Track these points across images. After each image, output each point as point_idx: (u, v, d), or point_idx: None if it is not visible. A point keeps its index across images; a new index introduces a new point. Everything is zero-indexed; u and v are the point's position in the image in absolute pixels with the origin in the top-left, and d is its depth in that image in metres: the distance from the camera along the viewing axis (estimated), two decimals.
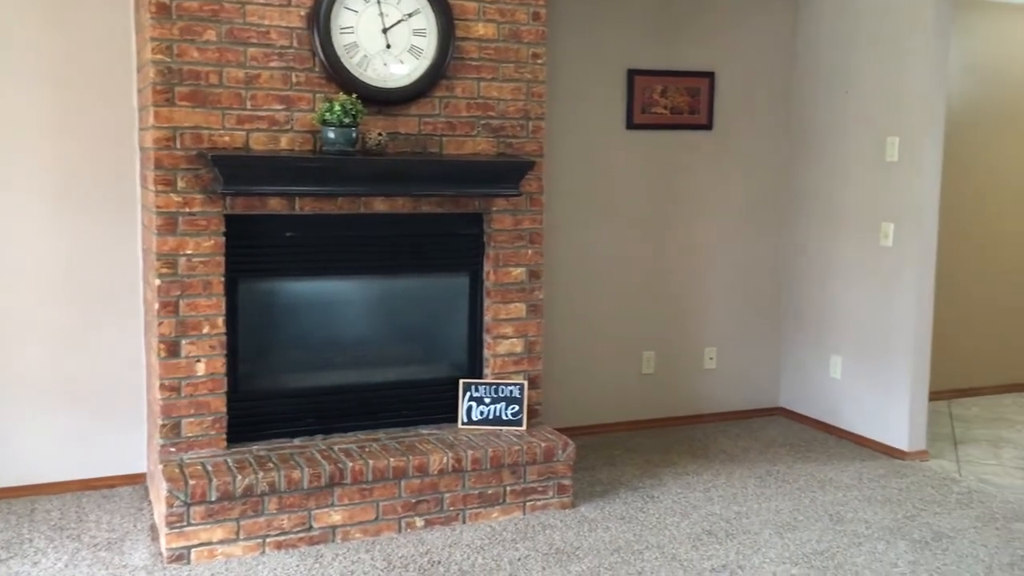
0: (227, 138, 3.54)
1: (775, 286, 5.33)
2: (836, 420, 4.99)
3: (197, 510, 3.30)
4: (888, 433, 4.67)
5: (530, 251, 4.08)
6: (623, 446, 4.74)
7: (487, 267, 4.05)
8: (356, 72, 3.67)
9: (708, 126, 5.05)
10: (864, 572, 3.32)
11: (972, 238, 5.76)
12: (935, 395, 5.55)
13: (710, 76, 5.02)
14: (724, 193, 5.15)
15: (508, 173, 3.85)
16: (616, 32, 4.81)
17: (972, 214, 5.74)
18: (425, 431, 3.93)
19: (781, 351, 5.36)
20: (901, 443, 4.59)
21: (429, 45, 3.79)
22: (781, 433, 5.02)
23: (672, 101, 4.96)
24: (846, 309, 4.92)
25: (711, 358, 5.21)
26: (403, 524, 3.60)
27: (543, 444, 3.81)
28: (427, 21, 3.78)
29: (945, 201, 5.24)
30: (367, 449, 3.67)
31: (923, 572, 3.32)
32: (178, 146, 3.47)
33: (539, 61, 4.02)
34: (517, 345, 4.09)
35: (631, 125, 4.89)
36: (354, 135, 3.56)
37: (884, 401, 4.69)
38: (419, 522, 3.63)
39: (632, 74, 4.86)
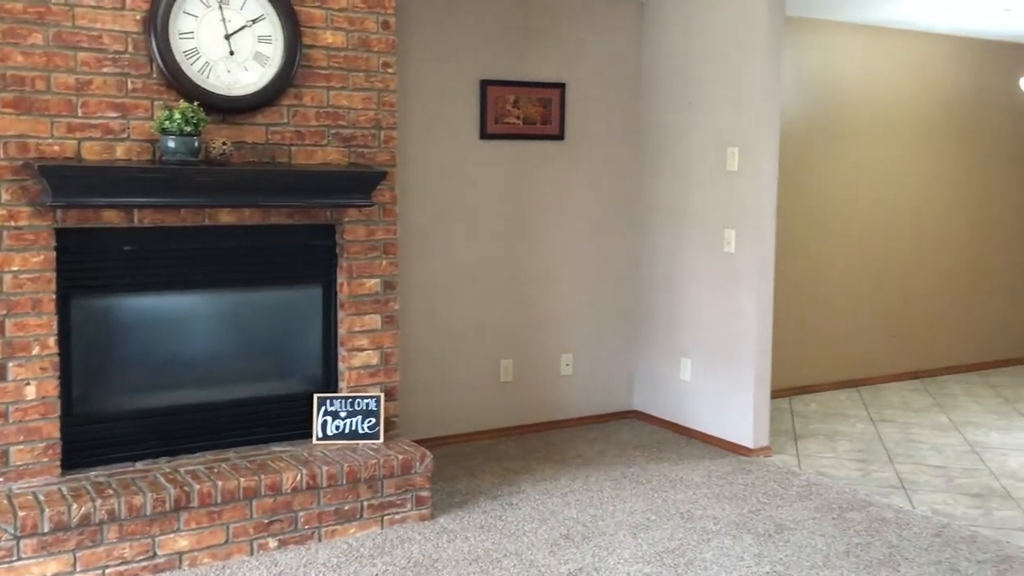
0: (57, 147, 3.34)
1: (628, 292, 5.48)
2: (687, 421, 5.17)
3: (28, 543, 3.09)
4: (734, 431, 4.87)
5: (384, 262, 4.04)
6: (483, 455, 4.75)
7: (340, 279, 3.98)
8: (197, 79, 3.54)
9: (560, 136, 5.15)
10: (712, 567, 3.44)
11: (809, 243, 6.09)
12: (777, 393, 5.84)
13: (561, 87, 5.11)
14: (577, 202, 5.25)
15: (360, 183, 3.81)
16: (469, 42, 4.84)
17: (808, 220, 6.07)
18: (278, 448, 3.82)
19: (634, 355, 5.51)
20: (746, 440, 4.80)
21: (275, 52, 3.70)
22: (635, 435, 5.15)
23: (525, 111, 5.03)
24: (694, 313, 5.11)
25: (567, 364, 5.30)
26: (255, 546, 3.48)
27: (401, 457, 3.78)
28: (272, 28, 3.69)
29: (783, 208, 5.52)
30: (216, 470, 3.53)
31: (766, 564, 3.48)
32: (1, 156, 3.25)
33: (390, 70, 3.99)
34: (373, 357, 4.04)
35: (485, 135, 4.92)
36: (196, 144, 3.43)
37: (730, 401, 4.89)
38: (272, 543, 3.52)
39: (485, 84, 4.89)
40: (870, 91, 6.24)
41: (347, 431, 3.90)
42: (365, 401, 3.93)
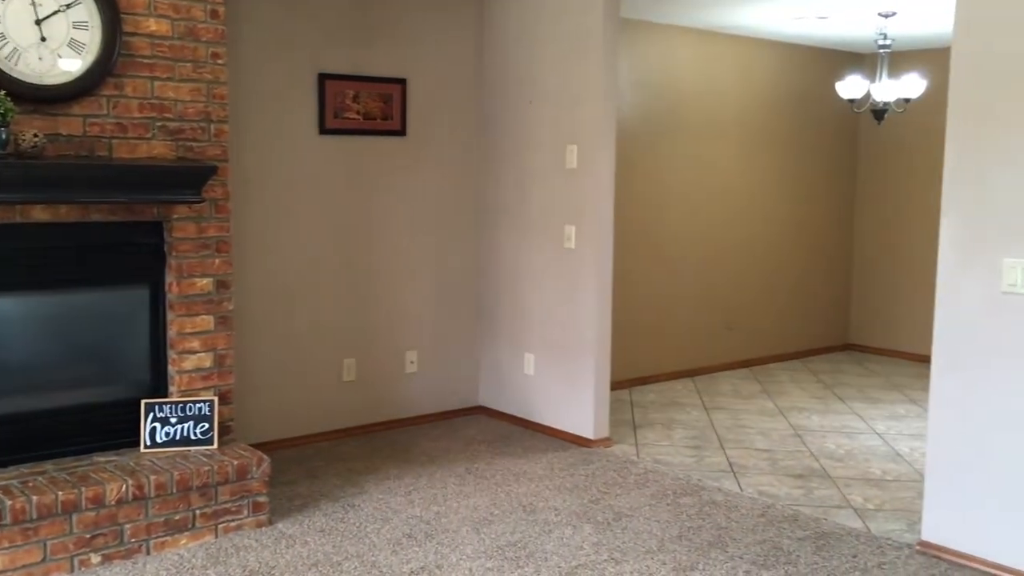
0: None
1: (472, 289, 5.50)
2: (531, 415, 5.24)
3: None
4: (577, 423, 4.97)
5: (217, 260, 3.89)
6: (325, 456, 4.66)
7: (169, 278, 3.81)
8: (4, 66, 3.30)
9: (402, 132, 5.11)
10: (552, 558, 3.50)
11: (646, 238, 6.29)
12: (618, 385, 6.02)
13: (402, 83, 5.07)
14: (420, 198, 5.23)
15: (188, 178, 3.65)
16: (306, 35, 4.72)
17: (647, 216, 6.28)
18: (102, 459, 3.61)
19: (479, 351, 5.54)
20: (587, 432, 4.92)
21: (92, 40, 3.49)
22: (481, 431, 5.18)
23: (365, 107, 4.96)
24: (537, 309, 5.18)
25: (412, 362, 5.27)
26: (76, 562, 3.29)
27: (236, 462, 3.65)
28: (89, 13, 3.48)
29: (622, 204, 5.67)
30: (31, 484, 3.31)
31: (604, 551, 3.57)
32: None
33: (219, 61, 3.85)
34: (206, 360, 3.88)
35: (324, 130, 4.82)
36: (4, 136, 3.20)
37: (572, 394, 4.99)
38: (95, 558, 3.33)
39: (323, 78, 4.79)
40: (703, 92, 6.51)
41: (178, 437, 3.73)
42: (198, 406, 3.77)
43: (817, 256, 7.44)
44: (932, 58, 6.64)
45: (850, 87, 5.98)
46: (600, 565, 3.44)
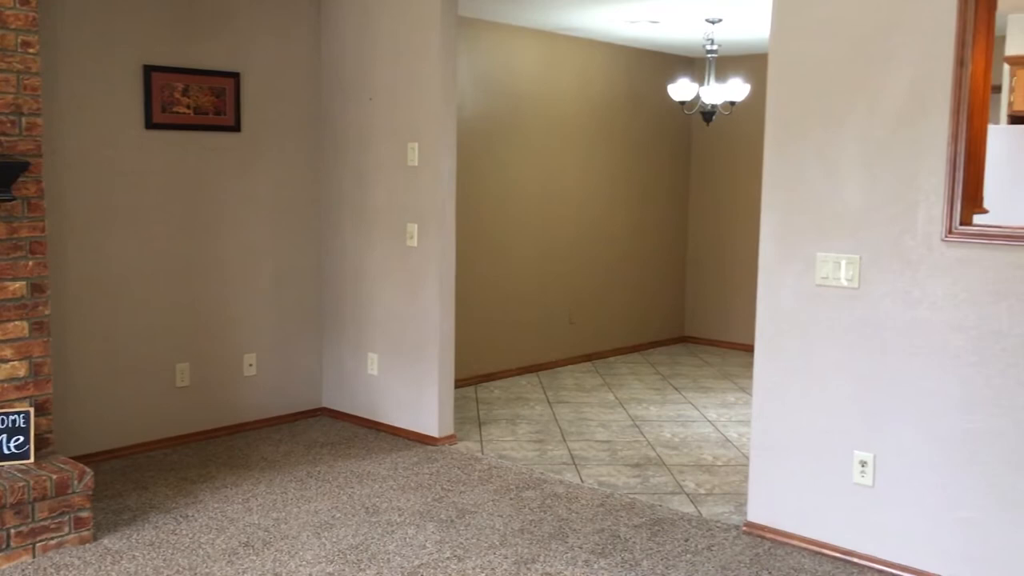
0: None
1: (314, 288, 5.39)
2: (376, 415, 5.19)
3: None
4: (421, 422, 4.96)
5: (31, 262, 3.65)
6: (157, 466, 4.46)
7: None
8: None
9: (236, 128, 4.94)
10: (395, 559, 3.48)
11: (490, 236, 6.35)
12: (463, 382, 6.05)
13: (235, 77, 4.90)
14: (257, 196, 5.07)
15: None
16: (130, 25, 4.49)
17: (490, 213, 6.33)
18: None
19: (322, 352, 5.44)
20: (432, 430, 4.91)
21: None
22: (324, 433, 5.09)
23: (196, 101, 4.76)
24: (380, 307, 5.13)
25: (251, 365, 5.12)
26: None
27: (55, 476, 3.43)
28: None
29: (465, 202, 5.70)
30: None
31: (447, 549, 3.57)
32: None
33: (31, 50, 3.60)
34: (19, 368, 3.63)
35: (151, 125, 4.60)
36: None
37: (417, 392, 4.98)
38: None
39: (149, 70, 4.57)
40: (543, 92, 6.62)
41: None
42: (12, 418, 3.52)
43: (654, 252, 7.72)
44: (755, 63, 7.01)
45: (680, 90, 6.23)
46: (443, 563, 3.44)
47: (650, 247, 7.67)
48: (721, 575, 3.37)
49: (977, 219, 3.33)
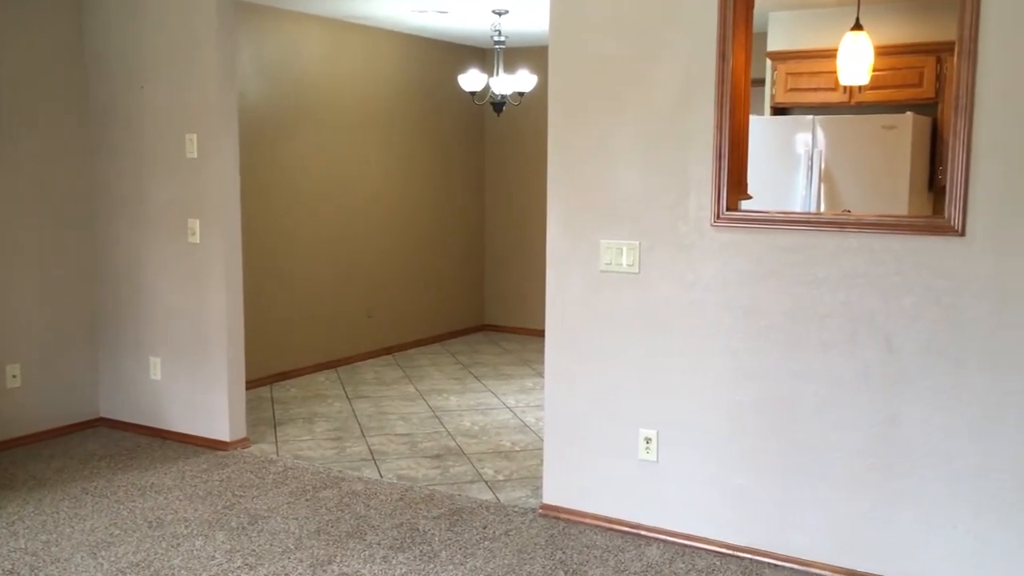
0: None
1: (88, 291, 5.00)
2: (160, 422, 4.90)
3: None
4: (211, 427, 4.73)
5: None
6: None
7: None
8: None
9: None
10: (181, 572, 3.29)
11: (280, 230, 6.14)
12: (257, 382, 5.84)
13: None
14: (18, 193, 4.64)
15: None
16: None
17: (282, 207, 6.12)
18: None
19: (98, 358, 5.07)
20: (223, 434, 4.69)
21: None
22: (102, 445, 4.75)
23: None
24: (162, 309, 4.84)
25: (15, 376, 4.69)
26: None
27: None
28: None
29: (255, 195, 5.48)
30: None
31: (238, 558, 3.42)
32: None
33: None
34: None
35: None
36: None
37: (205, 396, 4.73)
38: None
39: None
40: (333, 82, 6.47)
41: None
42: None
43: (452, 241, 7.74)
44: (543, 54, 7.15)
45: (471, 80, 6.26)
46: (233, 572, 3.29)
47: (448, 237, 7.69)
48: (517, 559, 3.42)
49: (744, 205, 3.55)
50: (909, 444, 3.13)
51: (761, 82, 5.64)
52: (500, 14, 5.97)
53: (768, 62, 5.69)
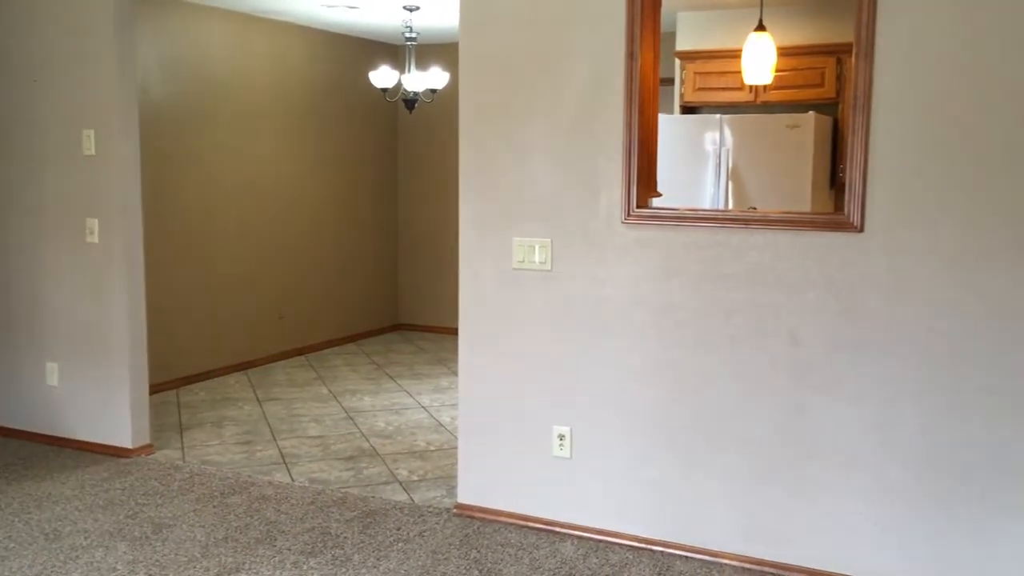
0: None
1: None
2: (58, 430, 4.70)
3: None
4: (112, 434, 4.55)
5: None
6: None
7: None
8: None
9: None
10: None
11: (185, 230, 5.96)
12: (162, 386, 5.66)
13: None
14: None
15: None
16: None
17: (182, 206, 5.94)
18: None
19: None
20: (125, 441, 4.53)
21: None
22: None
23: None
24: (59, 312, 4.64)
25: None
26: None
27: None
28: None
29: (153, 194, 5.30)
30: None
31: (141, 569, 3.30)
32: None
33: None
34: None
35: None
36: None
37: (106, 402, 4.56)
38: None
39: None
40: (240, 77, 6.31)
41: None
42: None
43: (365, 240, 7.65)
44: (455, 51, 7.13)
45: (382, 77, 6.19)
46: None
47: (361, 236, 7.59)
48: (432, 559, 3.39)
49: (655, 203, 3.59)
50: (815, 434, 3.21)
51: (670, 81, 5.72)
52: (411, 10, 5.92)
53: (677, 62, 5.77)
